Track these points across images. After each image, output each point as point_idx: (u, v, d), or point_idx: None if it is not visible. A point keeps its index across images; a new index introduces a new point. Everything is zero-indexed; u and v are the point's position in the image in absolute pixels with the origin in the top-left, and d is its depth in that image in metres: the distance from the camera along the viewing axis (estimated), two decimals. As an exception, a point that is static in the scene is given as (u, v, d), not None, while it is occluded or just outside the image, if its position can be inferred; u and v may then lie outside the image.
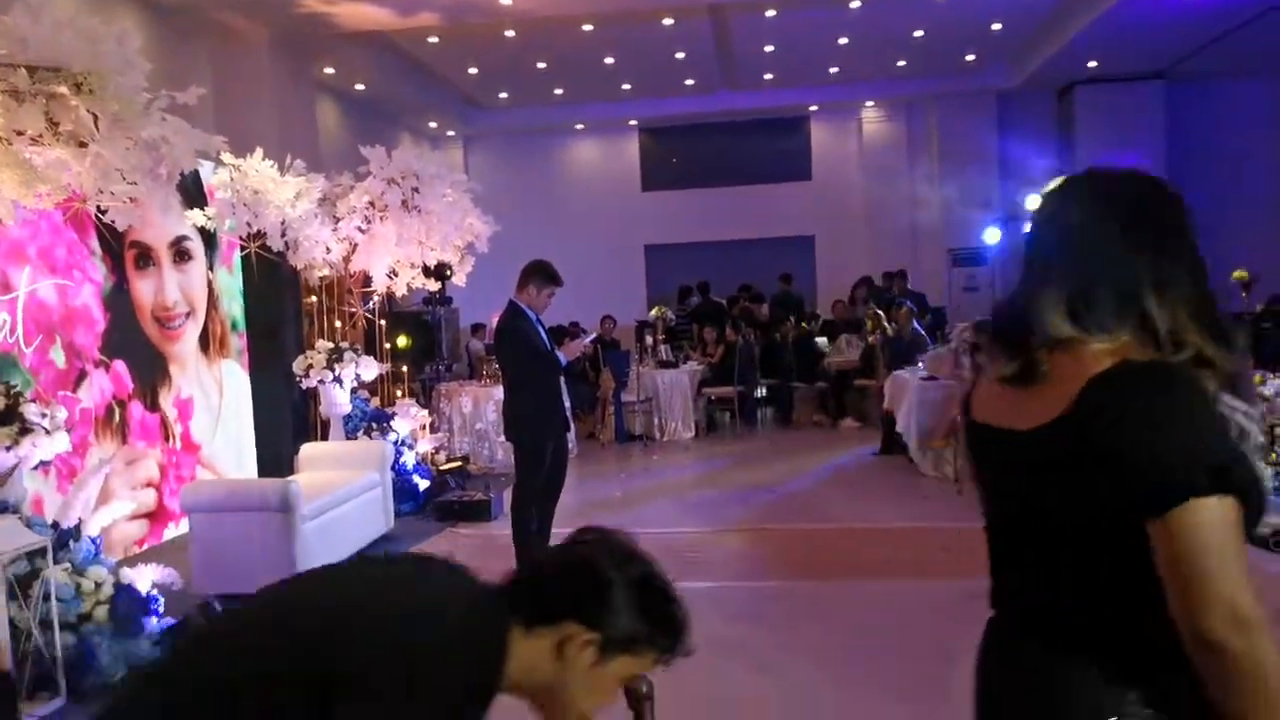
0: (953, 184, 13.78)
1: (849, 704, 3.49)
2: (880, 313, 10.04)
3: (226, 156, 5.89)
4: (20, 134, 3.73)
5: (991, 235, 13.44)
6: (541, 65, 12.15)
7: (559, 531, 5.60)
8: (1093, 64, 12.53)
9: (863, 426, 9.71)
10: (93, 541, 4.00)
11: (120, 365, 5.58)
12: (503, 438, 8.14)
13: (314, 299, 7.11)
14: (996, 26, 11.42)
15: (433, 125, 14.50)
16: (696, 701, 3.58)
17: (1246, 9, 10.31)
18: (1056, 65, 12.38)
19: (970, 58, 12.79)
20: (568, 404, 8.97)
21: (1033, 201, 12.74)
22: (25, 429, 3.83)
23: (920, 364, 8.08)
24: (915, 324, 9.72)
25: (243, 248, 6.28)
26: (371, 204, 6.86)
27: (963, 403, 1.45)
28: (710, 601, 4.66)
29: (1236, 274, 10.16)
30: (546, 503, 5.18)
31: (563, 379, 8.71)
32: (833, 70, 13.08)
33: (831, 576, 4.95)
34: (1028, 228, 1.37)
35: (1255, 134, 13.46)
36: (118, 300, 5.61)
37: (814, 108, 14.62)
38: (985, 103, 13.92)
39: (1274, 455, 2.78)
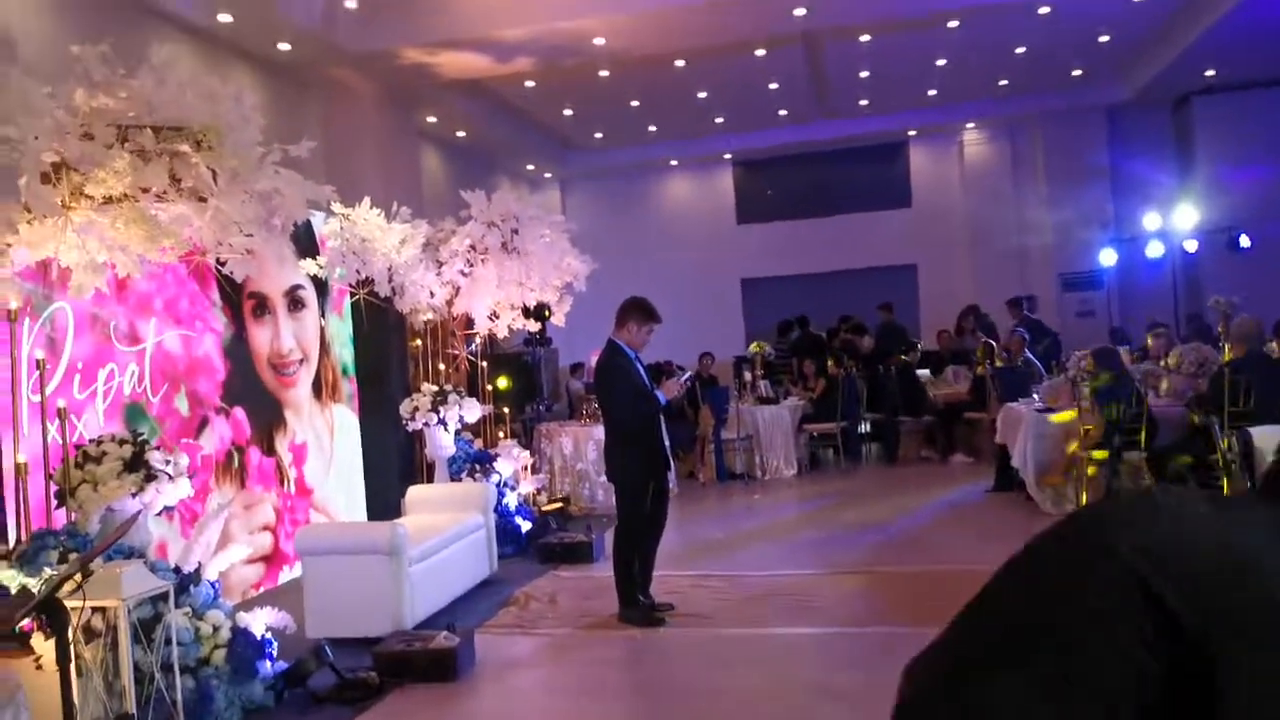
0: (1062, 205, 13.23)
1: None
2: (991, 342, 9.68)
3: (336, 206, 6.10)
4: (146, 191, 3.93)
5: (1107, 257, 12.81)
6: (635, 103, 12.28)
7: (661, 574, 5.51)
8: (1210, 73, 11.90)
9: (974, 462, 9.31)
10: (212, 585, 4.11)
11: (239, 412, 5.79)
12: (604, 478, 8.13)
13: (419, 343, 7.27)
14: (1104, 38, 10.98)
15: (530, 168, 14.80)
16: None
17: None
18: (1171, 76, 11.81)
19: (1077, 72, 12.32)
20: (667, 443, 8.93)
21: (1152, 220, 12.15)
22: (150, 476, 3.99)
23: (1035, 395, 7.71)
24: (1028, 353, 9.32)
25: (352, 294, 6.47)
26: (473, 247, 7.00)
27: None
28: (817, 648, 4.50)
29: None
30: (648, 543, 5.11)
31: (662, 418, 8.63)
32: (931, 93, 12.80)
33: (945, 622, 4.68)
34: None
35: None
36: (237, 349, 5.83)
37: (913, 132, 14.32)
38: (1095, 119, 13.36)
39: None
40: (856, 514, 7.49)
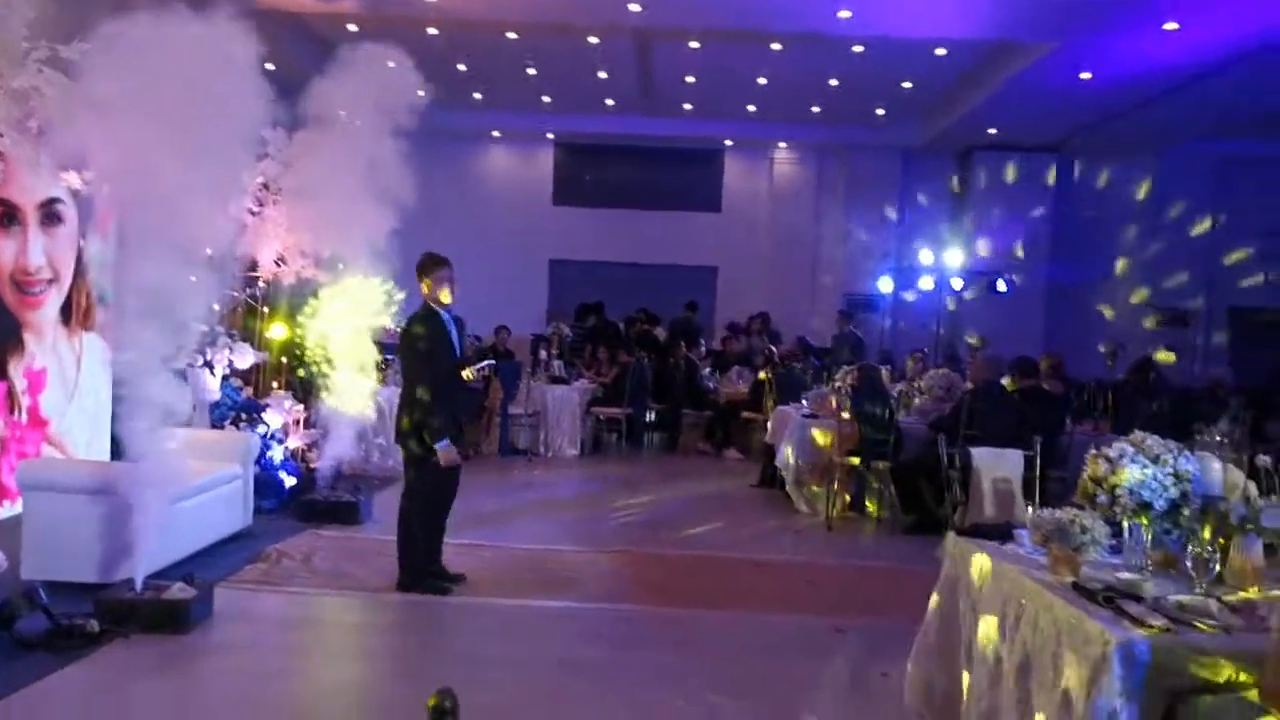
0: (855, 232, 14.24)
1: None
2: (773, 348, 10.27)
3: (111, 120, 5.59)
4: None
5: (885, 284, 13.91)
6: (462, 68, 12.02)
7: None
8: (993, 131, 13.16)
9: (745, 458, 9.84)
10: (-93, 514, 3.70)
11: (-34, 328, 5.20)
12: (381, 440, 7.93)
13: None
14: (907, 85, 11.88)
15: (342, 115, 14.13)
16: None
17: (1137, 93, 11.01)
18: (960, 129, 12.96)
19: (880, 112, 13.26)
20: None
21: (926, 256, 13.31)
22: None
23: (804, 401, 8.25)
24: (814, 360, 9.99)
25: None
26: (265, 186, 6.63)
27: None
28: (571, 621, 4.64)
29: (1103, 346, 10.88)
30: (443, 512, 5.04)
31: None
32: (750, 108, 13.36)
33: (696, 603, 4.98)
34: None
35: (1132, 211, 14.36)
36: (-29, 258, 5.23)
37: (729, 142, 14.89)
38: (891, 157, 14.44)
39: (1113, 512, 2.92)
40: (628, 497, 7.75)
